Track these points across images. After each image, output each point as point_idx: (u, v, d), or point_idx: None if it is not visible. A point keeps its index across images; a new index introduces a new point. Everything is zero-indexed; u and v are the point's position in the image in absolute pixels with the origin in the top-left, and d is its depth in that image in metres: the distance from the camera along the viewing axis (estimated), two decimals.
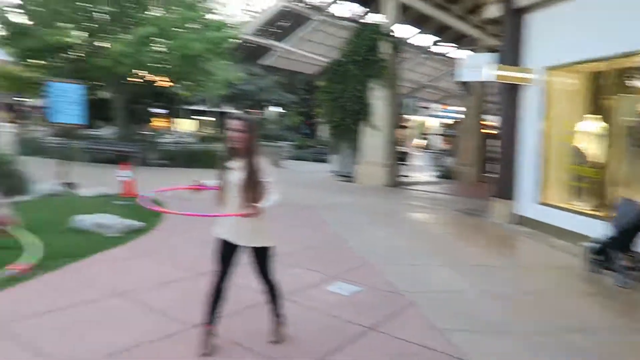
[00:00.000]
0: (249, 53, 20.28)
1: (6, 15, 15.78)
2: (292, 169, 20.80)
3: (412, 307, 4.51)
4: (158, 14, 16.64)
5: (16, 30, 15.92)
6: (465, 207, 11.03)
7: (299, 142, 30.72)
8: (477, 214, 9.97)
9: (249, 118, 3.37)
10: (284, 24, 18.47)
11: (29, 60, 16.77)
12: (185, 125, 35.83)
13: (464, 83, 16.20)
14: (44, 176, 9.72)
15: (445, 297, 4.91)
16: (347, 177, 16.19)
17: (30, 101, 30.49)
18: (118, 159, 15.78)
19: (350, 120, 15.46)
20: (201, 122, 39.32)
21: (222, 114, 38.08)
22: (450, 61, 20.55)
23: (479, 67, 9.54)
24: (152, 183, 10.08)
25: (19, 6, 16.05)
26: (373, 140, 15.17)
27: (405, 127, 24.97)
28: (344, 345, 3.61)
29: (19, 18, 16.26)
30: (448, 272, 5.81)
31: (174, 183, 4.01)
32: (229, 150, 3.33)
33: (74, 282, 4.55)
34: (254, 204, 3.18)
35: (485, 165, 17.26)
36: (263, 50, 19.83)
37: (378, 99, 15.11)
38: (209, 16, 17.43)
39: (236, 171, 3.28)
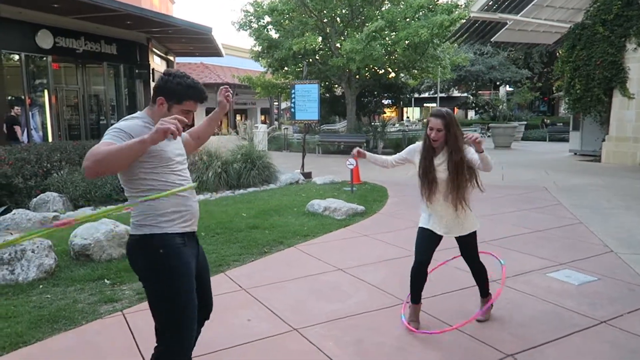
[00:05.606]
0: (478, 31, 19.35)
1: (264, 32, 18.65)
2: (526, 149, 19.24)
3: None
4: (387, 7, 17.32)
5: (268, 45, 18.70)
6: None
7: (533, 120, 28.26)
8: None
9: (446, 113, 3.22)
10: None
11: (278, 68, 19.44)
12: (413, 114, 36.43)
13: None
14: (287, 167, 11.28)
15: None
16: (591, 156, 14.17)
17: (280, 103, 35.33)
18: (347, 150, 17.12)
19: (597, 90, 13.44)
20: (429, 109, 39.47)
21: (450, 98, 37.43)
22: None
23: None
24: (370, 170, 10.60)
25: (271, 23, 18.79)
26: (626, 112, 12.91)
27: None
28: (566, 335, 3.24)
29: (271, 34, 19.07)
30: None
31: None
32: (429, 147, 3.25)
33: (305, 257, 5.15)
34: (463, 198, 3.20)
35: None
36: (493, 26, 18.63)
37: (636, 61, 12.75)
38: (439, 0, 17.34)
39: (440, 167, 3.22)
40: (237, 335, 3.30)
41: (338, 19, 18.73)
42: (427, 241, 3.34)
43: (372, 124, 21.77)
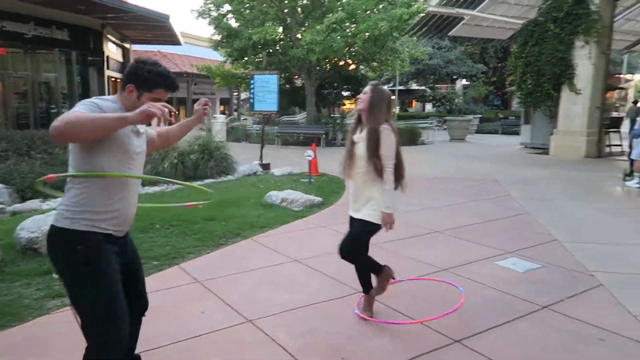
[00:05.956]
0: (436, 25, 19.68)
1: (224, 20, 18.34)
2: (480, 142, 19.82)
3: (601, 289, 3.99)
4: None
5: (228, 34, 18.41)
6: None
7: (487, 114, 29.10)
8: None
9: (378, 85, 3.23)
10: None
11: (237, 58, 19.19)
12: None
13: None
14: (246, 158, 11.22)
15: None
16: (539, 149, 14.77)
17: (239, 94, 34.91)
18: (307, 141, 17.20)
19: (547, 85, 13.95)
20: None
21: (409, 91, 37.92)
22: None
23: None
24: (329, 162, 10.67)
25: (231, 12, 18.49)
26: (573, 107, 13.47)
27: (620, 88, 21.54)
28: (510, 321, 3.40)
29: (231, 22, 18.79)
30: None
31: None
32: (356, 120, 3.30)
33: (261, 249, 5.16)
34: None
35: None
36: (451, 20, 19.00)
37: (583, 58, 13.28)
38: None
39: (361, 143, 3.19)
40: (190, 327, 3.28)
41: (299, 9, 18.64)
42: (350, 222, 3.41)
43: (332, 115, 21.84)
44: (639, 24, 19.44)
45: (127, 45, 20.73)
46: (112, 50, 18.45)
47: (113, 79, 18.61)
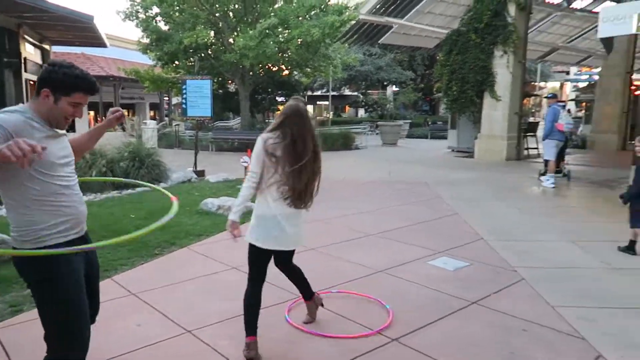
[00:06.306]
0: (367, 33, 20.20)
1: (153, 23, 17.78)
2: (410, 146, 20.54)
3: (523, 283, 4.29)
4: (280, 5, 17.41)
5: (157, 37, 17.88)
6: (602, 179, 9.97)
7: (417, 119, 30.21)
8: (617, 187, 8.96)
9: (294, 98, 3.18)
10: None
11: (168, 62, 18.68)
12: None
13: (607, 39, 14.47)
14: (179, 165, 10.96)
15: (563, 273, 4.56)
16: (465, 152, 15.55)
17: (170, 99, 33.96)
18: (241, 147, 17.05)
19: (471, 92, 14.72)
20: (322, 106, 40.54)
21: (342, 97, 38.60)
22: (591, 17, 18.40)
23: (626, 18, 8.50)
24: None
25: (160, 14, 17.98)
26: (494, 112, 14.32)
27: (535, 95, 23.15)
28: (442, 318, 3.58)
29: (160, 25, 18.26)
30: (572, 249, 5.37)
31: None
32: None
33: (198, 258, 5.08)
34: None
35: (632, 132, 15.41)
36: (381, 28, 19.58)
37: (502, 67, 14.15)
38: (330, 1, 17.73)
39: None
40: (126, 341, 3.18)
41: (231, 13, 18.48)
42: None
43: (266, 120, 21.79)
44: (550, 36, 21.03)
45: (46, 47, 19.56)
46: (30, 51, 17.34)
47: (32, 82, 17.48)
